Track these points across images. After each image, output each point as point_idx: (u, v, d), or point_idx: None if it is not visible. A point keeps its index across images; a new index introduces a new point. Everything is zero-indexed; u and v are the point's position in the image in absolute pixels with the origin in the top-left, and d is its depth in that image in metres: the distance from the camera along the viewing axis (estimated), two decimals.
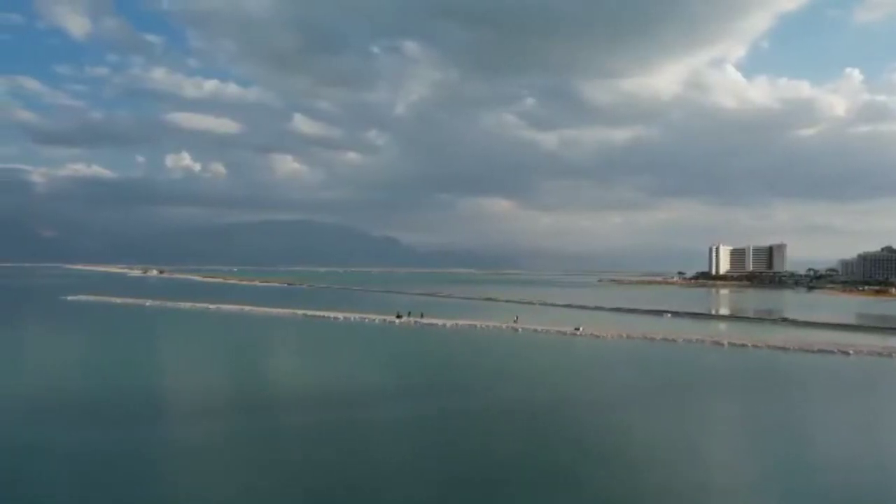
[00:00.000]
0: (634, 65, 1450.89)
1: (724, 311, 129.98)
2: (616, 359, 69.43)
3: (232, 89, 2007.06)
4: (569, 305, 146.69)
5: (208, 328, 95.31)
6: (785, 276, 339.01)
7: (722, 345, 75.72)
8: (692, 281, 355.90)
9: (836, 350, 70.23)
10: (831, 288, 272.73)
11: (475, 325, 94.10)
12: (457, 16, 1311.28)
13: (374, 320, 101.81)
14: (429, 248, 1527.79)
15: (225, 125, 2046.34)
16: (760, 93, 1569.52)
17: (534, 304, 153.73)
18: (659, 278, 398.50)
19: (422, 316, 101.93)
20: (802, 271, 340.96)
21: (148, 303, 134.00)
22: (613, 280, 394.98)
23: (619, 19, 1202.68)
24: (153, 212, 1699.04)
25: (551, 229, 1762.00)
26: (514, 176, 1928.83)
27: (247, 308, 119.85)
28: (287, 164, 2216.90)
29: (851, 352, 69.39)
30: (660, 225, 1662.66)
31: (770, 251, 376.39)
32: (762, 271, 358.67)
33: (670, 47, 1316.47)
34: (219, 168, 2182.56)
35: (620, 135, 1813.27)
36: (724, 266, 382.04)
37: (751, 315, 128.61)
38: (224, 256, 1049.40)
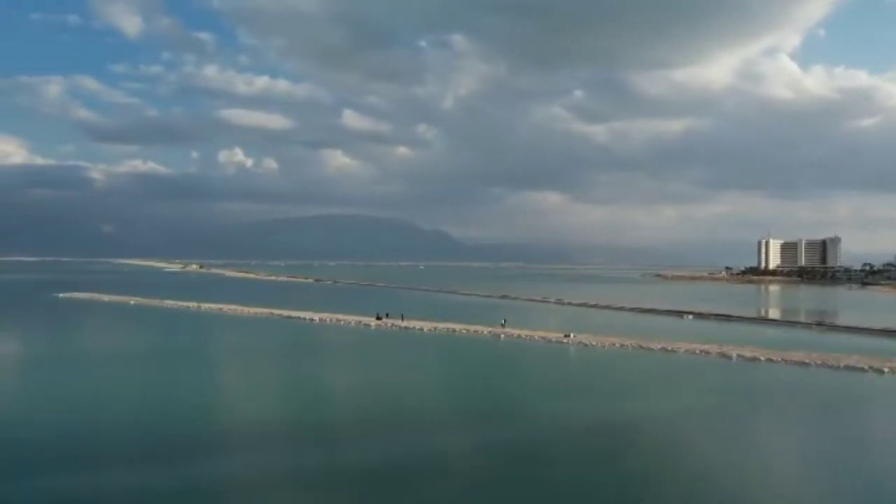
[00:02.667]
0: (686, 55, 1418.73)
1: (757, 311, 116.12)
2: (596, 375, 57.86)
3: (282, 85, 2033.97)
4: (584, 304, 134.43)
5: (169, 329, 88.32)
6: (838, 271, 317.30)
7: (729, 357, 63.15)
8: (739, 276, 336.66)
9: (866, 367, 57.09)
10: (886, 284, 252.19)
11: (455, 330, 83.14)
12: (504, 8, 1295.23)
13: (349, 322, 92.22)
14: (480, 242, 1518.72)
15: (276, 121, 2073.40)
16: (816, 82, 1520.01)
17: (549, 302, 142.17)
18: (705, 273, 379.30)
19: (402, 318, 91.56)
20: (858, 266, 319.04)
21: (132, 301, 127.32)
22: (658, 275, 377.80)
23: (670, 9, 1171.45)
24: (208, 207, 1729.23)
25: (603, 223, 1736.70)
26: (564, 169, 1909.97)
27: (226, 307, 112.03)
28: (338, 159, 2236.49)
29: (887, 369, 56.20)
30: (714, 218, 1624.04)
31: (823, 245, 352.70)
32: (814, 266, 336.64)
33: (723, 37, 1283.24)
34: (271, 163, 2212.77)
35: (672, 126, 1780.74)
36: (775, 261, 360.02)
37: (784, 318, 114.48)
38: (277, 251, 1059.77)
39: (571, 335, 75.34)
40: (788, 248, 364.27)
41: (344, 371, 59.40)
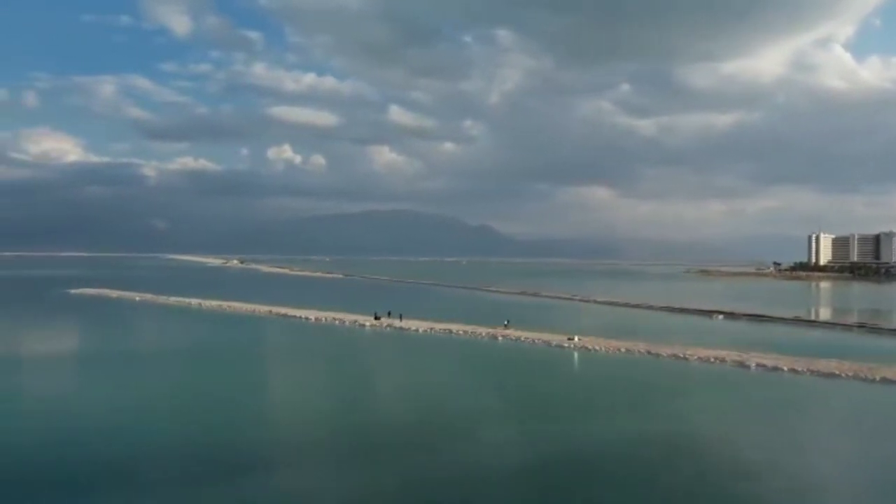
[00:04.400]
0: (735, 47, 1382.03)
1: (795, 311, 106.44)
2: (586, 386, 51.15)
3: (329, 82, 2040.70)
4: (612, 303, 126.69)
5: (156, 327, 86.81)
6: (893, 267, 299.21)
7: (747, 366, 55.31)
8: (787, 273, 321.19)
9: None
10: None
11: (451, 331, 76.63)
12: (549, 3, 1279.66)
13: (344, 322, 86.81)
14: (527, 238, 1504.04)
15: (324, 118, 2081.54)
16: (872, 73, 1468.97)
17: (575, 300, 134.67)
18: (752, 269, 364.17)
19: (401, 318, 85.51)
20: None
21: (137, 297, 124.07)
22: (702, 271, 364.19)
23: (719, 0, 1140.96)
24: (257, 203, 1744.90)
25: (651, 217, 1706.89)
26: (611, 164, 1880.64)
27: (227, 305, 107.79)
28: (384, 156, 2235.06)
29: None
30: (765, 213, 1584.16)
31: (877, 240, 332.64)
32: (867, 262, 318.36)
33: (773, 28, 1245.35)
34: (319, 160, 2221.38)
35: (721, 120, 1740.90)
36: (825, 256, 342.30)
37: (824, 318, 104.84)
38: (324, 247, 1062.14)
39: (576, 338, 68.10)
40: (840, 243, 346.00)
41: (314, 376, 54.29)
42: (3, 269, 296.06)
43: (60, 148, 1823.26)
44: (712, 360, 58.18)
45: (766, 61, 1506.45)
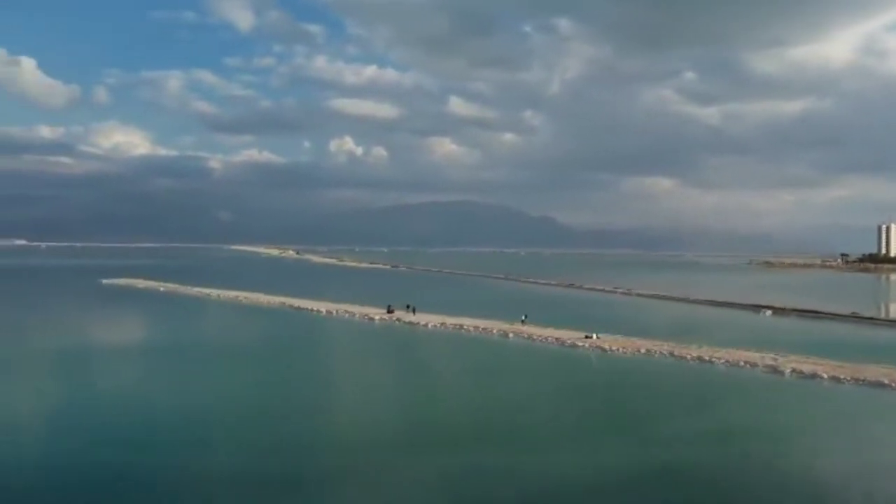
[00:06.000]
0: (804, 32, 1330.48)
1: (854, 307, 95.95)
2: (587, 397, 44.26)
3: (390, 74, 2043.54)
4: (655, 295, 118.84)
5: (165, 318, 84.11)
6: None
7: (781, 372, 47.83)
8: (854, 264, 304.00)
9: None
10: None
11: (462, 327, 70.77)
12: None
13: (354, 315, 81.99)
14: (588, 229, 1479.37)
15: (385, 110, 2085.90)
16: None
17: (615, 293, 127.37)
18: (818, 260, 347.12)
19: (413, 311, 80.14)
20: None
21: (162, 288, 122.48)
22: (766, 262, 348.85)
23: None
24: (320, 194, 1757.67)
25: (716, 208, 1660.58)
26: (675, 153, 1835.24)
27: (243, 295, 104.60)
28: (445, 147, 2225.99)
29: None
30: (836, 203, 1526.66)
31: None
32: None
33: (843, 12, 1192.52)
34: (380, 152, 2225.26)
35: (789, 107, 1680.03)
36: None
37: (885, 316, 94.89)
38: (384, 238, 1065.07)
39: (594, 336, 61.32)
40: None
41: (297, 374, 49.48)
42: (60, 259, 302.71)
43: (130, 141, 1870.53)
44: (742, 364, 50.77)
45: (836, 47, 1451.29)
